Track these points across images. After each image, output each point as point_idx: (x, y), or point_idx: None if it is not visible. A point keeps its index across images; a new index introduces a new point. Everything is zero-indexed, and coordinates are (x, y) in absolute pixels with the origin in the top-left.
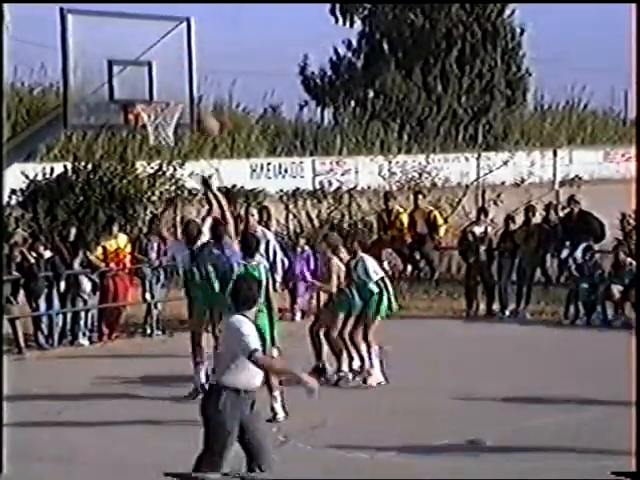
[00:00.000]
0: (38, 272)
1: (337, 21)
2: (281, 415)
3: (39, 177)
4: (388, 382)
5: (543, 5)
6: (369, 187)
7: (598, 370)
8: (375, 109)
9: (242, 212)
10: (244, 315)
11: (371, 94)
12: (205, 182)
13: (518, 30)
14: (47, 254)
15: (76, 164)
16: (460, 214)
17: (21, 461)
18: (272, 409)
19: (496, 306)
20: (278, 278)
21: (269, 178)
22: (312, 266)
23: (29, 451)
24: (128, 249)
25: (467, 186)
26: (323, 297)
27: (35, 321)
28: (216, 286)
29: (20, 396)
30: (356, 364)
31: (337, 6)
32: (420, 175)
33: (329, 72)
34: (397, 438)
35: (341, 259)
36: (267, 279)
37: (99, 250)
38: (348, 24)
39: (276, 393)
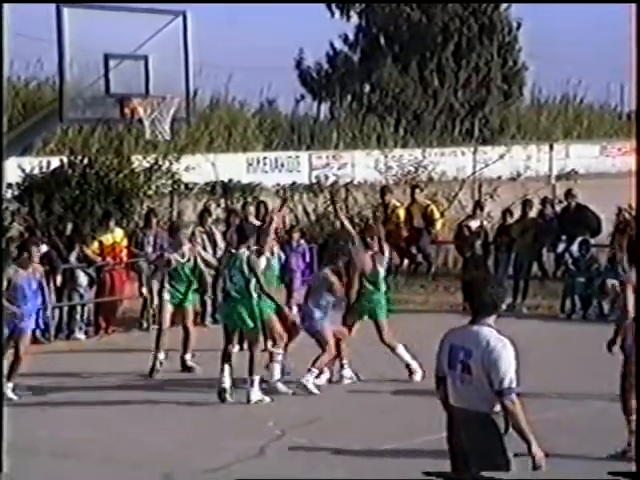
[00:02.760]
0: None
1: (333, 15)
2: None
3: (35, 171)
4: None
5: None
6: (366, 181)
7: (595, 364)
8: (371, 103)
9: (238, 206)
10: (489, 325)
11: (367, 88)
12: None
13: (514, 24)
14: (43, 248)
15: (72, 158)
16: (456, 208)
17: (19, 457)
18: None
19: None
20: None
21: (265, 172)
22: (307, 260)
23: (26, 447)
24: (124, 243)
25: (463, 180)
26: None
27: None
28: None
29: (16, 391)
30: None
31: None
32: (417, 169)
33: (325, 66)
34: (394, 433)
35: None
36: (252, 267)
37: (95, 244)
38: (345, 18)
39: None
